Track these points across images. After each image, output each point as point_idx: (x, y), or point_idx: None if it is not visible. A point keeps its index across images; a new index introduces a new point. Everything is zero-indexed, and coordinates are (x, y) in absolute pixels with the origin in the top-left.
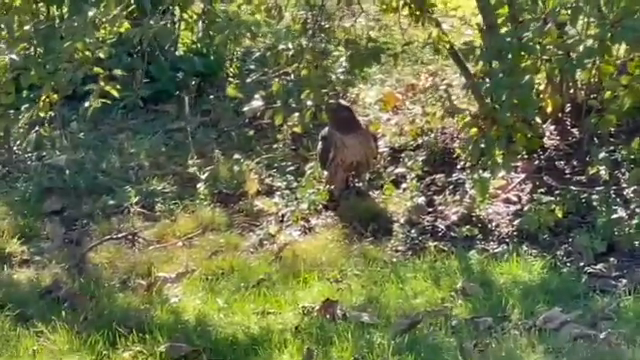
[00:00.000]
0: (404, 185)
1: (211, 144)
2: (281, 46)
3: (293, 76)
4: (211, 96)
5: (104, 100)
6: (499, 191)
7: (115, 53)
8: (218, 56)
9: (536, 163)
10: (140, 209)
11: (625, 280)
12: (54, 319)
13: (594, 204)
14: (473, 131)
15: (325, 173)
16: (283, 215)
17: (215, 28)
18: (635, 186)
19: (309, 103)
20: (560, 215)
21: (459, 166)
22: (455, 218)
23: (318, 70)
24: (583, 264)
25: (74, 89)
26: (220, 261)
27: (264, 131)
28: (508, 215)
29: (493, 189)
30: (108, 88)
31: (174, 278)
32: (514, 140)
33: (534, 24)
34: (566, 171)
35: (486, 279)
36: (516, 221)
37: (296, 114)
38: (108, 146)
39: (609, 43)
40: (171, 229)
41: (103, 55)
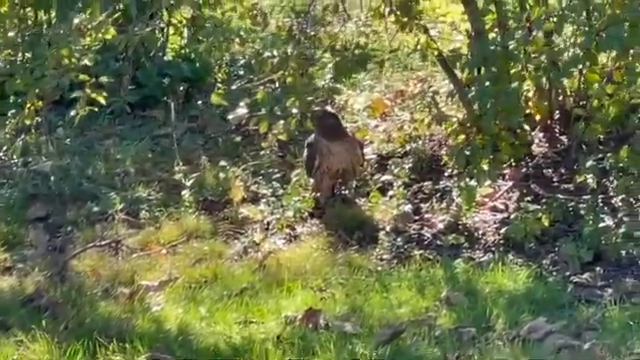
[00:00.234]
0: (391, 193)
1: (197, 150)
2: (266, 53)
3: (278, 84)
4: (199, 102)
5: (91, 107)
6: (486, 199)
7: (102, 59)
8: (206, 62)
9: (524, 171)
10: (125, 216)
11: (611, 290)
12: (34, 328)
13: (581, 213)
14: (460, 138)
15: (311, 180)
16: (268, 223)
17: (202, 34)
18: (623, 195)
19: (294, 111)
20: (547, 224)
21: (446, 173)
22: (441, 226)
23: (304, 78)
24: (569, 273)
25: (61, 95)
26: (203, 269)
27: (251, 137)
28: (495, 223)
29: (480, 197)
30: (94, 95)
31: (157, 286)
32: (500, 149)
33: (519, 32)
34: (554, 179)
35: (471, 288)
36: (503, 229)
37: (281, 122)
38: (94, 152)
39: (594, 52)
40: (155, 236)
41: (89, 62)
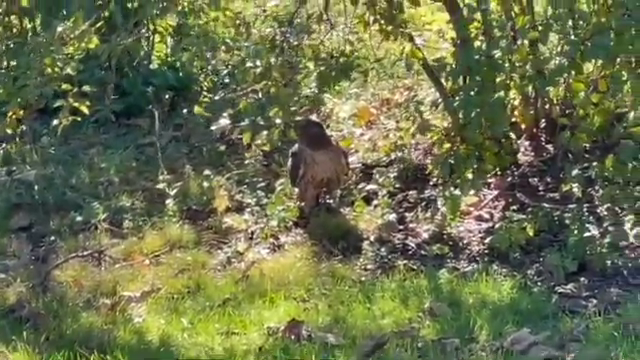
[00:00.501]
0: (375, 202)
1: (182, 159)
2: (248, 64)
3: (261, 94)
4: (184, 110)
5: (74, 117)
6: (471, 208)
7: (86, 67)
8: (191, 70)
9: (509, 179)
10: (108, 226)
11: (595, 300)
12: (15, 339)
13: (566, 222)
14: (445, 147)
15: (295, 190)
16: (252, 232)
17: (186, 44)
18: (608, 204)
19: (278, 121)
20: (532, 233)
21: (432, 182)
22: (426, 236)
23: (287, 87)
24: (554, 284)
25: (45, 104)
26: (186, 279)
27: (235, 146)
28: (480, 233)
29: (465, 206)
30: (77, 105)
31: (139, 297)
32: (484, 158)
33: (504, 41)
34: (539, 188)
35: (455, 299)
36: (487, 239)
37: (264, 132)
38: (78, 161)
39: (580, 61)
40: (138, 246)
41: (71, 71)
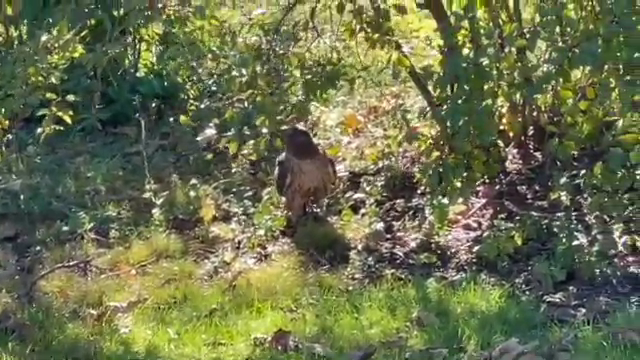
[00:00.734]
0: (363, 211)
1: (168, 168)
2: (234, 72)
3: (247, 103)
4: (170, 119)
5: (58, 127)
6: (459, 217)
7: (72, 75)
8: (177, 78)
9: (497, 188)
10: (94, 235)
11: (584, 310)
12: (0, 350)
13: (555, 230)
14: (434, 156)
15: (283, 199)
16: (239, 241)
17: (170, 53)
18: (596, 212)
19: (264, 130)
20: (520, 242)
21: (419, 191)
22: (414, 245)
23: (273, 96)
24: (542, 293)
25: (31, 112)
26: (173, 290)
27: (222, 155)
28: (468, 242)
29: (453, 214)
30: (61, 114)
31: (125, 307)
32: (472, 167)
33: (491, 49)
34: (528, 196)
35: (443, 308)
36: (475, 248)
37: (251, 142)
38: (65, 170)
39: (567, 68)
40: (125, 256)
41: (55, 80)
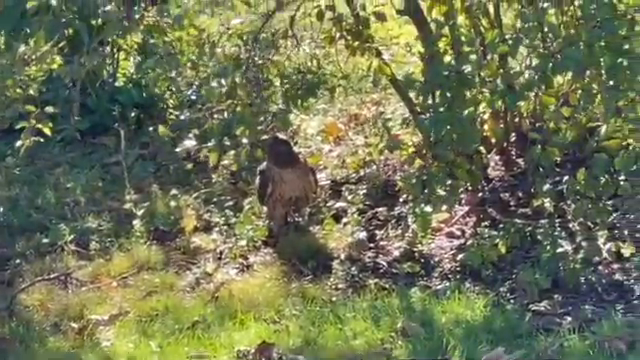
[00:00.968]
0: (345, 220)
1: (149, 178)
2: (213, 83)
3: (227, 113)
4: (150, 128)
5: (37, 139)
6: (442, 225)
7: (51, 85)
8: (156, 88)
9: (480, 195)
10: (75, 247)
11: (570, 318)
12: None
13: (539, 238)
14: (417, 164)
15: (264, 208)
16: (221, 252)
17: (148, 65)
18: (580, 219)
19: (244, 141)
20: (504, 250)
21: (401, 199)
22: (397, 254)
23: (253, 107)
24: (527, 301)
25: (10, 123)
26: (155, 302)
27: (203, 165)
28: (451, 250)
29: (436, 222)
30: (40, 126)
31: (107, 320)
32: (456, 175)
33: (473, 56)
34: (511, 203)
35: (427, 318)
36: (459, 256)
37: (231, 152)
38: (44, 181)
39: (550, 74)
40: (106, 268)
41: (34, 92)
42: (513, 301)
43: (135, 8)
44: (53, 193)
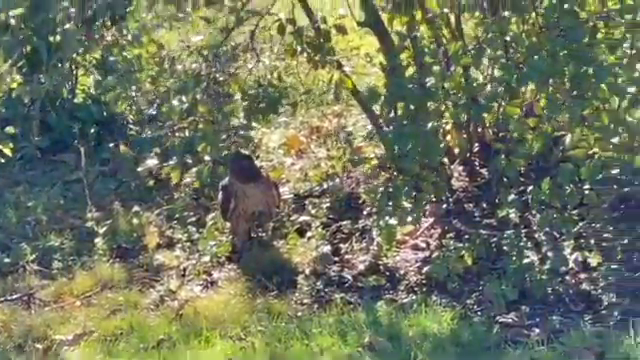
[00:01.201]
0: (309, 233)
1: (110, 195)
2: (174, 102)
3: (188, 131)
4: (110, 144)
5: None
6: (407, 237)
7: (10, 103)
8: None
9: (444, 206)
10: (37, 267)
11: (538, 329)
12: None
13: (504, 249)
14: (382, 178)
15: (227, 224)
16: (184, 269)
17: (107, 83)
18: (546, 229)
19: (207, 158)
20: (469, 261)
21: (365, 212)
22: (362, 267)
23: (214, 124)
24: (494, 313)
25: None
26: (119, 321)
27: (164, 180)
28: (417, 262)
29: (401, 235)
30: (0, 146)
31: (71, 340)
32: (421, 188)
33: (436, 68)
34: (475, 214)
35: (394, 332)
36: (425, 268)
37: (194, 169)
38: (4, 200)
39: (515, 84)
40: (69, 287)
41: None
42: (480, 313)
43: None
44: (14, 212)
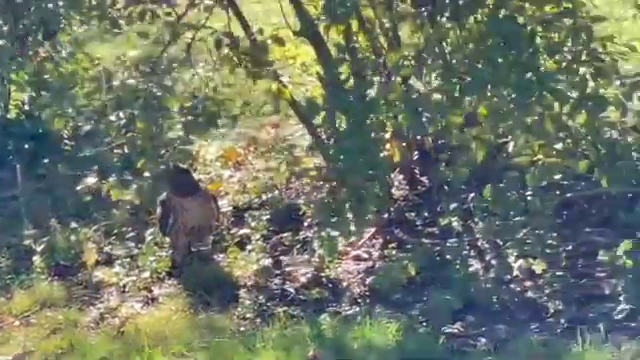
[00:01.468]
0: (250, 246)
1: (47, 212)
2: (112, 118)
3: (127, 147)
4: (45, 160)
5: None
6: (348, 248)
7: None
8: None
9: (386, 216)
10: None
11: (484, 339)
12: None
13: (448, 258)
14: (324, 190)
15: (167, 239)
16: (124, 285)
17: (42, 101)
18: (489, 237)
19: (146, 174)
20: (413, 272)
21: (306, 223)
22: (304, 280)
23: (153, 140)
24: (439, 324)
25: None
26: (59, 340)
27: (101, 195)
28: (359, 273)
29: (342, 246)
30: None
31: None
32: (365, 200)
33: (376, 79)
34: (417, 223)
35: (339, 345)
36: (368, 280)
37: (134, 186)
38: None
39: (458, 94)
40: (7, 307)
41: None
42: (425, 324)
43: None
44: None
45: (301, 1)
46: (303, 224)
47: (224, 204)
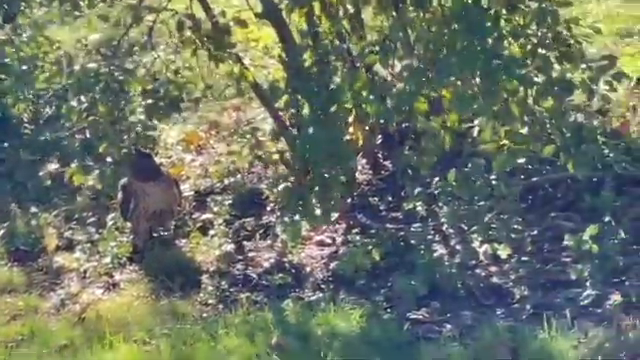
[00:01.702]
0: (212, 231)
1: (6, 197)
2: (72, 103)
3: (88, 132)
4: (5, 144)
5: None
6: (312, 233)
7: None
8: (11, 101)
9: (349, 200)
10: None
11: (450, 325)
12: None
13: (412, 243)
14: (289, 179)
15: (128, 224)
16: (85, 271)
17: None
18: (454, 222)
19: (109, 159)
20: (377, 257)
21: (269, 208)
22: (267, 265)
23: (115, 124)
24: (404, 310)
25: None
26: (19, 326)
27: (62, 180)
28: (323, 259)
29: (306, 231)
30: None
31: None
32: (331, 187)
33: (342, 68)
34: (381, 208)
35: (303, 331)
36: (331, 265)
37: (96, 171)
38: None
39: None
40: None
41: None
42: (390, 310)
43: None
44: None
45: None
46: (266, 209)
47: (186, 188)
